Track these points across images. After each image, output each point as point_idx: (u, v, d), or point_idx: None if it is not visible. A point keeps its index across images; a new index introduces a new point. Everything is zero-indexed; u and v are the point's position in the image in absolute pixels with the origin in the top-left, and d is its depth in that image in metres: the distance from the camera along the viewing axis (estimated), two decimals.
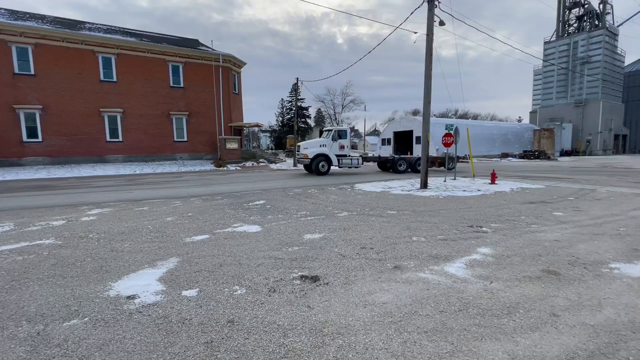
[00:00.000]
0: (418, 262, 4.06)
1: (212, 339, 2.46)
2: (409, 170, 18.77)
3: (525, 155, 39.39)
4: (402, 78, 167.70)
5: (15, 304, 3.06)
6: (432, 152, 30.95)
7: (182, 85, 26.43)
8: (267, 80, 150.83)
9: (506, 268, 3.86)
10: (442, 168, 19.34)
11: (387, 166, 19.82)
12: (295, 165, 23.49)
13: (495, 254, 4.34)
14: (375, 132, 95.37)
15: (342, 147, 17.23)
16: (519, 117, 62.90)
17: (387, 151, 47.59)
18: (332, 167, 17.39)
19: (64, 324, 2.69)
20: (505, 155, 40.63)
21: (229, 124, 28.56)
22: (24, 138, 22.01)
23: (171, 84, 26.07)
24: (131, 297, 3.16)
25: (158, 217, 6.82)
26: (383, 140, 50.80)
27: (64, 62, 22.58)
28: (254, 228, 5.90)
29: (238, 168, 24.18)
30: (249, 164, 26.76)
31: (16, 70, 21.59)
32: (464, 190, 10.67)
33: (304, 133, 62.48)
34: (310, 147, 17.23)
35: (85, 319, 2.76)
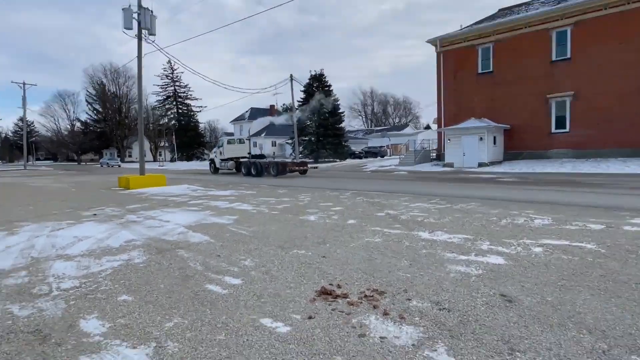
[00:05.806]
0: None
1: None
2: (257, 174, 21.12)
3: None
4: None
5: (570, 305, 3.26)
6: None
7: None
8: None
9: None
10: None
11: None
12: None
13: None
14: None
15: (221, 153, 25.34)
16: None
17: None
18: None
19: (631, 356, 2.44)
20: None
21: None
22: (552, 129, 22.78)
23: None
24: None
25: None
26: None
27: (601, 34, 20.08)
28: None
29: None
30: None
31: (553, 58, 22.08)
32: None
33: None
34: (211, 154, 27.30)
35: None
